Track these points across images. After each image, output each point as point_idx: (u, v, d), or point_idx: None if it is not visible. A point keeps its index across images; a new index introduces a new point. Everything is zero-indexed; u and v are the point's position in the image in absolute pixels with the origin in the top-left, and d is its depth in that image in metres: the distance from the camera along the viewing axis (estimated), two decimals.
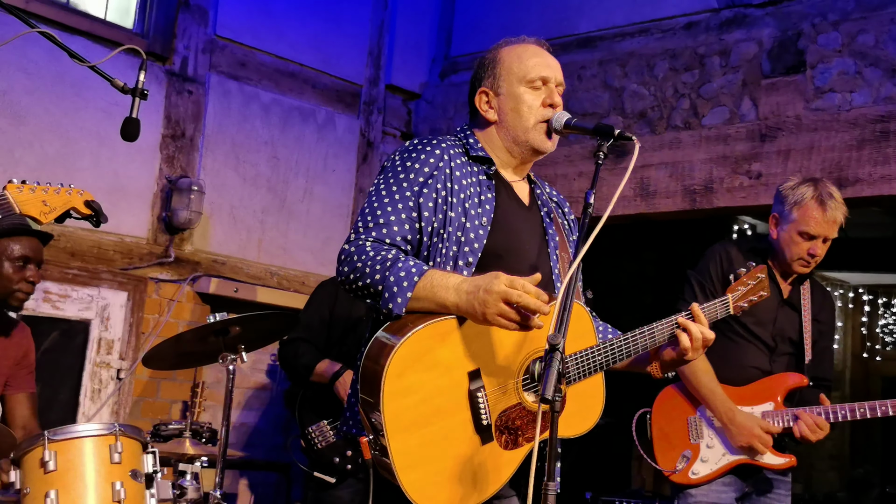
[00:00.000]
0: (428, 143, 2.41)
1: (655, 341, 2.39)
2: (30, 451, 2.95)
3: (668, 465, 3.46)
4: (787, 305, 3.52)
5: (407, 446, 2.13)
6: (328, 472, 4.09)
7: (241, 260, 5.54)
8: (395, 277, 2.17)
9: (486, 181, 2.43)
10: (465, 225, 2.34)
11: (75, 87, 4.87)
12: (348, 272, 2.24)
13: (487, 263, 2.33)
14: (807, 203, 3.35)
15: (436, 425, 2.17)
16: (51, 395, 4.81)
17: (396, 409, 2.11)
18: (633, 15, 5.50)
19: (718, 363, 3.43)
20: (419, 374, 2.15)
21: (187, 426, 3.87)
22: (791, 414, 3.34)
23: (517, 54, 2.49)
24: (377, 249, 2.23)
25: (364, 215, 2.33)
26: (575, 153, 5.47)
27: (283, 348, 4.29)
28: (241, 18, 5.61)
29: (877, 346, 10.76)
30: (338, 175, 6.04)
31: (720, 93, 5.05)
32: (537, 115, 2.44)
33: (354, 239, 2.29)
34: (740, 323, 3.45)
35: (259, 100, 5.67)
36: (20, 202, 2.76)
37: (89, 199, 2.91)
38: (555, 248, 2.53)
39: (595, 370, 2.34)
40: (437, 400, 2.18)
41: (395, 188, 2.33)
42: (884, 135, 4.47)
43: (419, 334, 2.15)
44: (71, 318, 4.90)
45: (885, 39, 4.55)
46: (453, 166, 2.39)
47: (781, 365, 3.50)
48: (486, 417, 2.22)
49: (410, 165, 2.35)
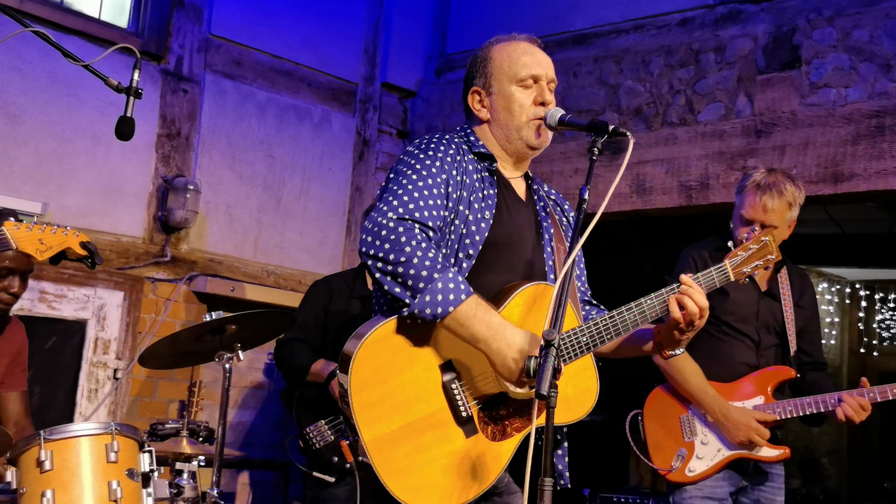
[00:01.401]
0: (441, 137, 2.42)
1: (646, 315, 2.32)
2: (26, 451, 2.95)
3: (664, 465, 3.46)
4: (767, 297, 3.54)
5: (383, 444, 2.13)
6: (327, 472, 4.09)
7: (238, 259, 5.54)
8: (444, 286, 2.13)
9: (488, 177, 2.45)
10: (468, 217, 2.35)
11: (70, 86, 4.86)
12: (389, 250, 2.13)
13: (486, 255, 2.35)
14: (747, 188, 3.40)
15: (412, 420, 2.16)
16: (47, 396, 4.81)
17: (365, 406, 2.12)
18: (628, 11, 5.50)
19: (706, 362, 3.44)
20: (388, 370, 2.16)
21: (184, 425, 3.86)
22: (835, 398, 3.34)
23: (508, 53, 2.50)
24: (427, 243, 2.17)
25: (400, 197, 2.23)
26: (570, 150, 5.47)
27: (279, 349, 4.29)
28: (236, 17, 5.60)
29: (874, 342, 10.78)
30: (334, 173, 6.03)
31: (715, 89, 5.05)
32: (529, 114, 2.45)
33: (396, 216, 2.18)
34: (724, 321, 3.48)
35: (255, 98, 5.66)
36: (17, 238, 2.80)
37: (85, 240, 2.96)
38: (549, 240, 2.53)
39: (581, 351, 2.29)
40: (410, 394, 2.17)
41: (426, 173, 2.30)
42: (879, 130, 4.47)
43: (384, 328, 2.17)
44: (67, 318, 4.90)
45: (879, 34, 4.56)
46: (466, 161, 2.40)
47: (768, 358, 3.52)
48: (464, 409, 2.22)
49: (433, 154, 2.34)
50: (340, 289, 4.34)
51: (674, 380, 3.47)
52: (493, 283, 2.36)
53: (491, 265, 2.36)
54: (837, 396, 3.34)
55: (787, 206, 3.39)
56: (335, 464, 4.08)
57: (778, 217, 3.38)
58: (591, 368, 2.44)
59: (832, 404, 3.34)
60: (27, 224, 2.82)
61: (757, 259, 2.51)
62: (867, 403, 3.32)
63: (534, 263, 2.46)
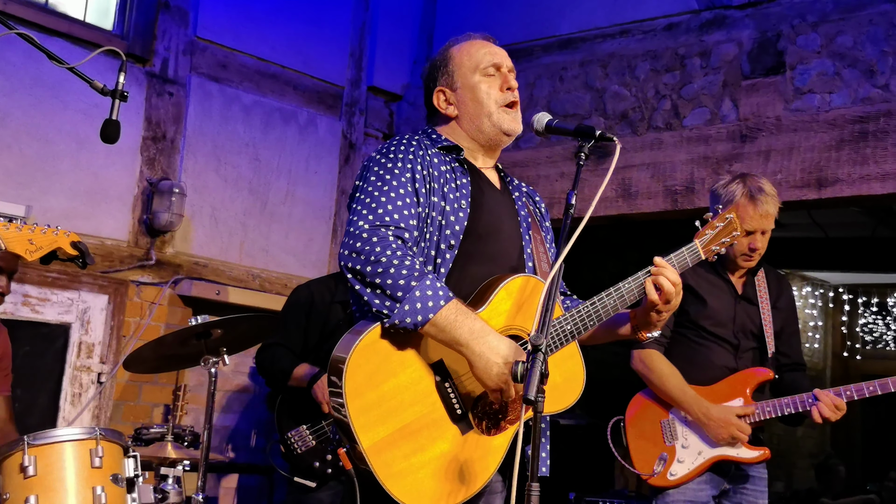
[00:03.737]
0: (401, 138, 2.46)
1: (625, 299, 2.36)
2: (9, 456, 2.93)
3: (646, 469, 3.47)
4: (743, 300, 3.57)
5: (381, 448, 2.13)
6: (308, 477, 4.08)
7: (223, 262, 5.52)
8: (422, 293, 2.14)
9: (458, 168, 2.47)
10: (444, 209, 2.37)
11: (54, 88, 4.83)
12: (365, 262, 2.17)
13: (468, 244, 2.37)
14: (738, 201, 3.41)
15: (408, 422, 2.17)
16: (30, 400, 4.77)
17: (362, 412, 2.13)
18: (614, 16, 5.52)
19: (685, 366, 3.47)
20: (380, 375, 2.17)
21: (169, 430, 3.84)
22: (811, 397, 3.34)
23: (466, 49, 2.57)
24: (403, 250, 2.19)
25: (370, 206, 2.27)
26: (556, 154, 5.48)
27: (260, 354, 4.27)
28: (221, 20, 5.59)
29: (857, 345, 10.85)
30: (320, 177, 6.02)
31: (701, 94, 5.08)
32: (497, 100, 2.51)
33: (369, 226, 2.22)
34: (701, 326, 3.51)
35: (240, 101, 5.65)
36: (6, 239, 2.78)
37: (76, 240, 2.93)
38: (527, 229, 2.57)
39: (566, 339, 2.33)
40: (404, 396, 2.18)
41: (389, 177, 2.33)
42: (862, 135, 4.50)
43: (373, 333, 2.18)
44: (51, 322, 4.87)
45: (863, 40, 4.59)
46: (430, 154, 2.42)
47: (746, 361, 3.54)
48: (458, 407, 2.24)
49: (394, 157, 2.37)
50: (322, 294, 4.32)
51: (652, 383, 3.49)
52: (476, 274, 2.38)
53: (472, 256, 2.38)
54: (813, 395, 3.35)
55: (777, 206, 3.46)
56: (316, 469, 4.07)
57: (773, 219, 3.46)
58: (577, 355, 2.47)
59: (809, 403, 3.35)
60: (17, 224, 2.81)
61: (724, 236, 2.54)
62: (842, 403, 3.33)
63: (513, 253, 2.49)
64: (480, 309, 2.28)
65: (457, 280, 2.34)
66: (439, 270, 2.34)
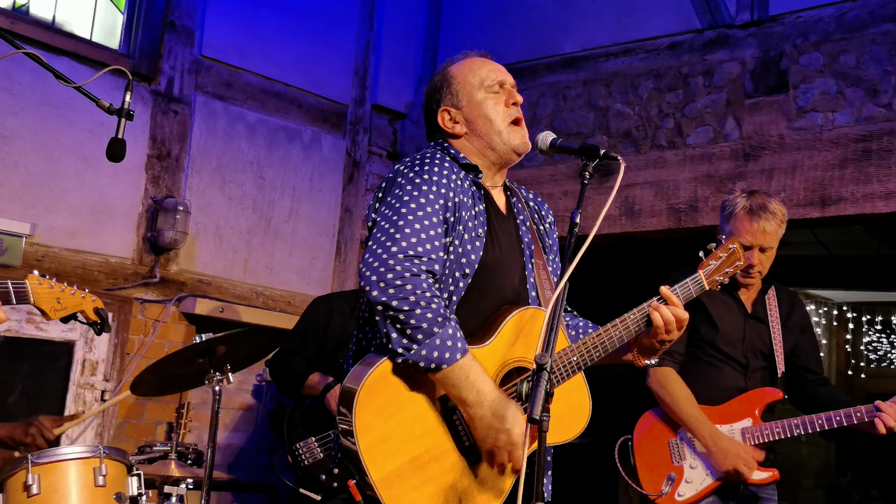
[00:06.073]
0: (433, 156, 2.41)
1: (630, 331, 2.37)
2: (13, 475, 2.93)
3: (653, 489, 3.46)
4: (753, 319, 3.55)
5: (391, 480, 2.13)
6: (314, 490, 4.07)
7: (227, 280, 5.52)
8: (441, 342, 2.14)
9: (476, 192, 2.45)
10: (463, 237, 2.35)
11: (60, 107, 4.86)
12: (393, 296, 2.13)
13: (477, 279, 2.36)
14: (737, 214, 3.42)
15: (417, 454, 2.17)
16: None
17: (372, 445, 2.13)
18: (618, 35, 5.54)
19: (695, 386, 3.45)
20: (390, 407, 2.17)
21: (173, 448, 3.84)
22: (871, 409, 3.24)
23: (468, 67, 2.56)
24: (432, 291, 2.17)
25: (403, 230, 2.21)
26: (560, 172, 5.49)
27: (275, 360, 4.30)
28: (226, 39, 5.62)
29: (861, 363, 10.82)
30: (324, 195, 6.04)
31: (704, 112, 5.09)
32: (506, 116, 2.51)
33: (402, 256, 2.17)
34: (711, 345, 3.49)
35: (245, 120, 5.67)
36: (36, 293, 2.85)
37: (99, 306, 3.04)
38: (530, 257, 2.55)
39: (573, 371, 2.33)
40: (414, 428, 2.19)
41: (424, 201, 2.28)
42: (865, 154, 4.51)
43: (383, 366, 2.18)
44: (55, 340, 4.87)
45: (865, 60, 4.61)
46: (461, 178, 2.41)
47: (756, 381, 3.52)
48: (466, 439, 2.24)
49: (429, 178, 2.33)
50: (342, 307, 4.38)
51: (665, 403, 3.47)
52: (484, 308, 2.37)
53: (482, 290, 2.37)
54: (875, 406, 3.25)
55: (780, 225, 3.44)
56: (323, 482, 4.06)
57: (774, 238, 3.43)
58: (584, 387, 2.47)
59: (869, 415, 3.25)
60: (49, 281, 2.89)
61: (727, 266, 2.55)
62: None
63: (517, 283, 2.48)
64: (486, 342, 2.29)
65: (465, 311, 2.33)
66: (451, 298, 2.32)
